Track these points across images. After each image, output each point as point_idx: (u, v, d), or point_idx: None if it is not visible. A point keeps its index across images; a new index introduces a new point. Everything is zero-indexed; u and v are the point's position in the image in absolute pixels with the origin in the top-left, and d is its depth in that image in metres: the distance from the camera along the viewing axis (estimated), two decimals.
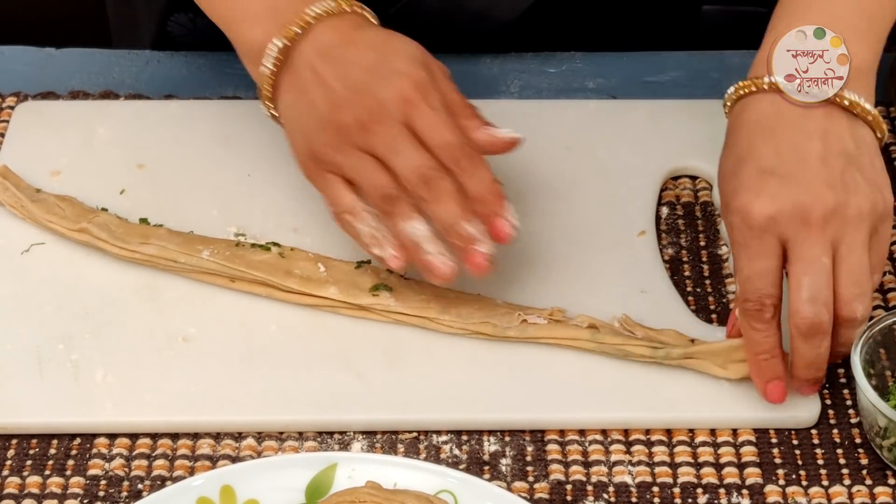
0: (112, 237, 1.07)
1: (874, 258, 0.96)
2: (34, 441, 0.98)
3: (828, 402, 1.01)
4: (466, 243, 0.97)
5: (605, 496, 0.95)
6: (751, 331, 0.96)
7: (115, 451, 0.97)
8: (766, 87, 0.99)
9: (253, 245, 1.08)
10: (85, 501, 0.95)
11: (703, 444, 0.98)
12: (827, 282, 0.93)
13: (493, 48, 1.27)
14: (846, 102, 0.97)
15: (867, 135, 0.98)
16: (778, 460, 0.97)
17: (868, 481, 0.96)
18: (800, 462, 0.97)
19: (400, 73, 0.98)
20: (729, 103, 1.01)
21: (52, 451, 0.97)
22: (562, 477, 0.96)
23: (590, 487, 0.96)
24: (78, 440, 0.98)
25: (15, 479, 0.96)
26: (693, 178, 1.17)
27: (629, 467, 0.97)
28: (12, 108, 1.21)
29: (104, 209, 1.11)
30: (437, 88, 0.99)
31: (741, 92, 1.00)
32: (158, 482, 0.96)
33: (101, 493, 0.95)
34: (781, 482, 0.96)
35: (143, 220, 1.10)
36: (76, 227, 1.08)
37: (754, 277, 0.95)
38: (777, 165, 0.95)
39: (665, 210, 1.15)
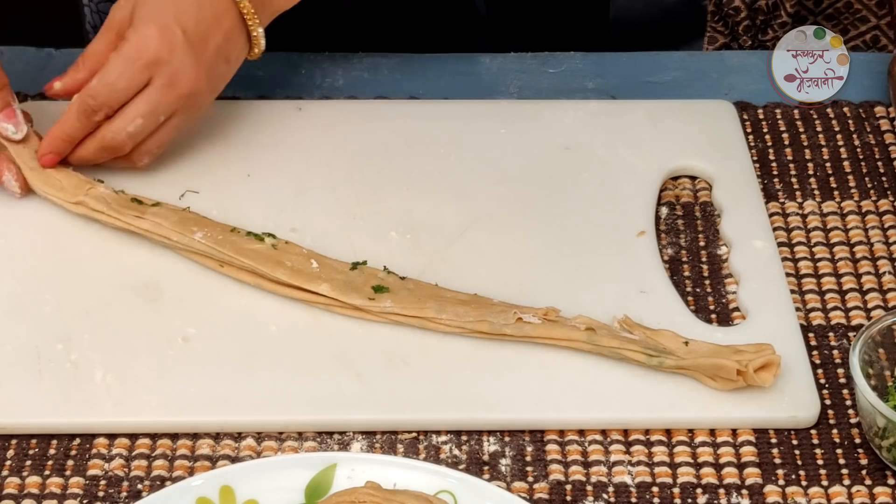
0: (108, 209, 1.10)
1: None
2: (33, 441, 0.98)
3: (827, 402, 1.01)
4: None
5: (605, 496, 0.95)
6: (75, 119, 1.11)
7: (114, 451, 0.97)
8: None
9: (248, 234, 1.08)
10: (84, 502, 0.95)
11: (703, 444, 0.98)
12: (151, 125, 1.11)
13: (345, 45, 1.29)
14: (254, 34, 1.15)
15: (242, 57, 1.16)
16: (777, 460, 0.97)
17: (867, 481, 0.96)
18: (799, 462, 0.97)
19: None
20: None
21: (52, 451, 0.97)
22: (561, 477, 0.96)
23: (589, 487, 0.96)
24: (77, 440, 0.98)
25: (14, 480, 0.96)
26: (692, 178, 1.17)
27: (629, 467, 0.97)
28: None
29: (100, 180, 1.13)
30: None
31: None
32: (158, 482, 0.96)
33: (101, 494, 0.95)
34: (781, 482, 0.96)
35: (136, 199, 1.11)
36: (74, 201, 1.11)
37: (113, 89, 1.10)
38: (189, 30, 1.11)
39: (664, 210, 1.15)
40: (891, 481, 0.96)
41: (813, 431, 0.99)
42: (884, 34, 1.39)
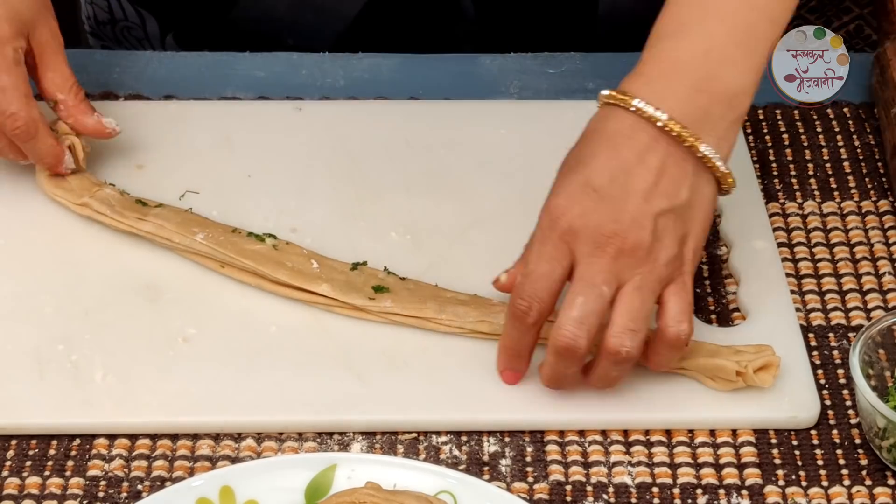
0: (111, 211, 1.09)
1: (672, 306, 0.95)
2: (34, 442, 0.98)
3: (827, 402, 1.01)
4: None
5: (605, 497, 0.95)
6: (510, 327, 0.96)
7: (114, 451, 0.97)
8: (632, 108, 0.95)
9: (249, 234, 1.08)
10: (84, 502, 0.95)
11: (703, 444, 0.98)
12: (598, 309, 0.93)
13: (343, 39, 1.28)
14: (699, 154, 0.95)
15: (707, 188, 0.96)
16: (777, 461, 0.97)
17: (867, 482, 0.96)
18: (799, 463, 0.97)
19: None
20: (599, 105, 0.99)
21: (52, 451, 0.97)
22: (561, 477, 0.96)
23: (589, 488, 0.96)
24: (77, 441, 0.98)
25: (14, 480, 0.96)
26: None
27: (629, 468, 0.97)
28: None
29: (111, 184, 1.13)
30: None
31: (611, 101, 0.97)
32: (158, 483, 0.96)
33: (101, 494, 0.95)
34: (781, 483, 0.96)
35: (140, 201, 1.11)
36: (78, 202, 1.11)
37: (535, 277, 0.95)
38: (602, 186, 0.94)
39: None
40: (891, 482, 0.96)
41: (813, 432, 0.99)
42: (867, 23, 1.39)
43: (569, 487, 0.96)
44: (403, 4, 1.11)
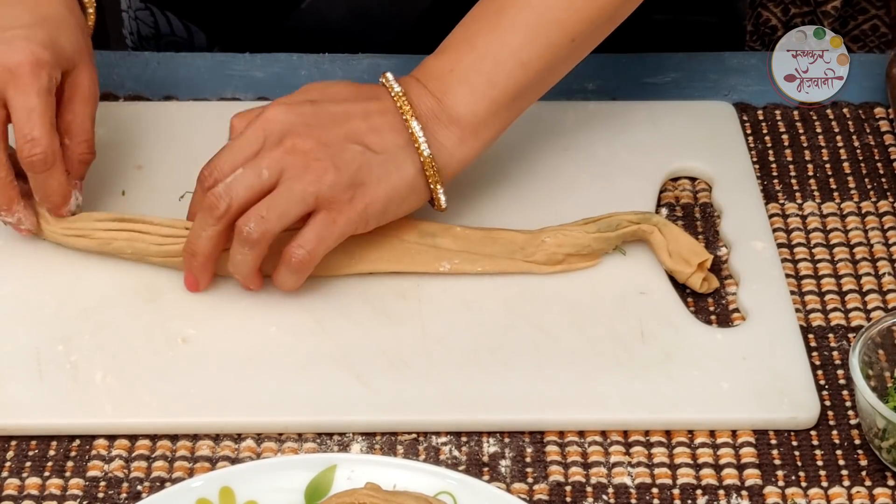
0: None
1: (307, 231, 1.01)
2: (33, 442, 0.98)
3: (827, 403, 1.01)
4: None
5: (605, 497, 0.95)
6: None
7: (114, 452, 0.97)
8: (383, 81, 1.06)
9: None
10: (84, 503, 0.95)
11: (703, 445, 0.98)
12: (249, 184, 1.00)
13: (394, 49, 1.28)
14: (409, 130, 1.04)
15: (408, 167, 1.03)
16: (777, 461, 0.97)
17: (867, 482, 0.96)
18: (799, 463, 0.97)
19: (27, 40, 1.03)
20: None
21: (52, 452, 0.97)
22: (561, 478, 0.96)
23: (589, 489, 0.96)
24: (77, 441, 0.98)
25: (14, 481, 0.96)
26: (692, 179, 1.17)
27: (628, 468, 0.97)
28: None
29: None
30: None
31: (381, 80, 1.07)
32: (158, 483, 0.96)
33: (101, 495, 0.95)
34: (781, 483, 0.96)
35: None
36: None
37: (223, 155, 1.03)
38: (322, 103, 1.03)
39: (664, 211, 1.15)
40: (891, 482, 0.96)
41: (813, 433, 0.99)
42: (882, 23, 1.39)
43: (568, 488, 0.96)
44: (456, 14, 1.11)
